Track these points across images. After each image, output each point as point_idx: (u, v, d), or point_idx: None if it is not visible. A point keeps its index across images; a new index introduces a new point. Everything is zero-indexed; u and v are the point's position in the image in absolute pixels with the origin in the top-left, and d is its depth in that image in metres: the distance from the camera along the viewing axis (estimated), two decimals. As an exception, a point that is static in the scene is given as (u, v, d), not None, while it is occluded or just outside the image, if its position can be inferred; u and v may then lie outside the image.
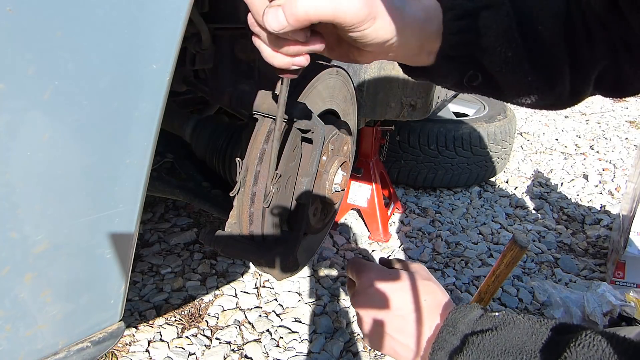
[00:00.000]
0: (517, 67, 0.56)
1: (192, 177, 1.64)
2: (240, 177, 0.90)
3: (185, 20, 0.52)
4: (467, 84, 0.61)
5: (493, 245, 2.15)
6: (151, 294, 1.71)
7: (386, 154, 2.37)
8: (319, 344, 1.51)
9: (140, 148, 0.56)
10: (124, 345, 1.48)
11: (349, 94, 1.20)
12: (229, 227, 0.97)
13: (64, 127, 0.49)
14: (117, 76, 0.50)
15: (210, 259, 1.93)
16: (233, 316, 1.62)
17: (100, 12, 0.46)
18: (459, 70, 0.60)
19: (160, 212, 2.26)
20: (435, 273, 1.91)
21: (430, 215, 2.38)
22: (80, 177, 0.53)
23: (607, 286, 1.61)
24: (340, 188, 1.09)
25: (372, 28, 0.51)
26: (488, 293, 1.22)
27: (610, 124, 4.12)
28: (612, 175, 3.01)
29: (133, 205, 0.60)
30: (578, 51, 0.55)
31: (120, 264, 0.62)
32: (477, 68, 0.58)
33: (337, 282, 1.83)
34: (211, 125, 1.33)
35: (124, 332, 0.69)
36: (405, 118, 1.61)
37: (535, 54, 0.56)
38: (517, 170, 3.04)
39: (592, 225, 2.38)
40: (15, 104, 0.45)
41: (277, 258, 0.95)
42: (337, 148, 1.12)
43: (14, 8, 0.41)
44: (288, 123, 0.91)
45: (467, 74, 0.59)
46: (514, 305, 1.75)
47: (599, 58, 0.55)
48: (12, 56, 0.43)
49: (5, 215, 0.48)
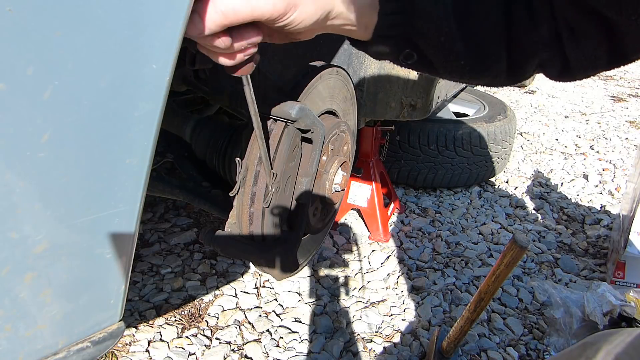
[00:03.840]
0: (450, 51, 0.57)
1: (192, 177, 1.64)
2: (240, 177, 0.90)
3: (185, 20, 0.52)
4: (403, 62, 0.62)
5: (493, 245, 2.15)
6: (151, 294, 1.71)
7: (386, 154, 2.37)
8: (319, 344, 1.51)
9: (140, 148, 0.56)
10: (124, 345, 1.48)
11: (349, 94, 1.20)
12: (229, 227, 0.97)
13: (63, 127, 0.49)
14: (117, 76, 0.50)
15: (210, 259, 1.93)
16: (233, 316, 1.62)
17: (100, 12, 0.46)
18: (395, 48, 0.60)
19: (160, 212, 2.26)
20: (435, 273, 1.91)
21: (430, 215, 2.38)
22: (80, 177, 0.53)
23: (607, 286, 1.61)
24: (340, 188, 1.09)
25: (295, 15, 0.52)
26: (488, 293, 1.23)
27: (610, 124, 4.12)
28: (612, 175, 3.01)
29: (133, 205, 0.60)
30: (518, 33, 0.55)
31: (120, 264, 0.62)
32: (412, 47, 0.59)
33: (337, 282, 1.83)
34: (211, 125, 1.33)
35: (124, 332, 0.69)
36: (405, 118, 1.61)
37: (470, 39, 0.56)
38: (517, 170, 3.04)
39: (592, 225, 2.38)
40: (15, 104, 0.45)
41: (277, 258, 0.95)
42: (337, 148, 1.12)
43: (14, 8, 0.41)
44: (287, 123, 0.91)
45: (402, 52, 0.60)
46: (514, 305, 1.75)
47: (542, 42, 0.55)
48: (12, 56, 0.43)
49: (5, 215, 0.48)
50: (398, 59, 0.62)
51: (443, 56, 0.58)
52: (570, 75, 0.58)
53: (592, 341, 0.61)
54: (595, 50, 0.52)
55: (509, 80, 0.61)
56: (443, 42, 0.56)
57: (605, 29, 0.50)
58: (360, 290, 1.80)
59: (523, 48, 0.56)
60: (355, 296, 1.76)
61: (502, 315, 1.69)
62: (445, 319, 1.66)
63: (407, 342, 1.55)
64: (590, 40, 0.52)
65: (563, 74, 0.58)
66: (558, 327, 1.57)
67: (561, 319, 1.58)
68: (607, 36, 0.51)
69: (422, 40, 0.57)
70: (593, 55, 0.53)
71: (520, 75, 0.60)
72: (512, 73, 0.60)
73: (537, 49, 0.56)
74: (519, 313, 1.71)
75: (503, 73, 0.60)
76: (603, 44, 0.52)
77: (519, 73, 0.60)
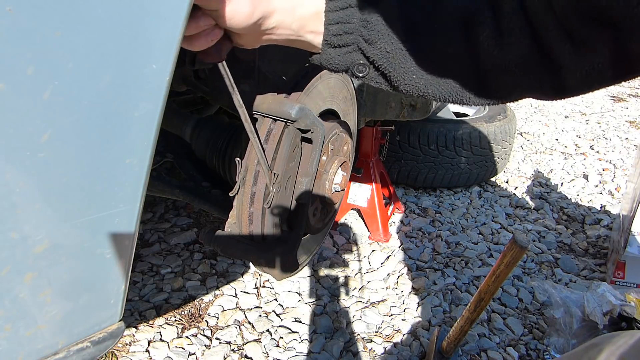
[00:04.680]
0: (400, 63, 0.56)
1: (192, 177, 1.65)
2: (240, 177, 0.90)
3: (185, 20, 0.52)
4: (355, 75, 0.60)
5: (493, 245, 2.15)
6: (151, 294, 1.71)
7: (386, 154, 2.37)
8: (319, 344, 1.51)
9: (140, 148, 0.56)
10: (124, 345, 1.48)
11: (349, 94, 1.20)
12: (229, 227, 0.97)
13: (63, 127, 0.49)
14: (117, 76, 0.50)
15: (210, 259, 1.93)
16: (233, 316, 1.62)
17: (100, 12, 0.46)
18: (345, 59, 0.59)
19: (160, 212, 2.26)
20: (435, 273, 1.91)
21: (430, 215, 2.38)
22: (80, 177, 0.53)
23: (607, 286, 1.61)
24: (340, 188, 1.09)
25: (227, 9, 0.53)
26: (488, 293, 1.23)
27: (610, 124, 4.12)
28: (612, 175, 3.01)
29: (133, 205, 0.60)
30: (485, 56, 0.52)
31: (120, 264, 0.62)
32: (366, 59, 0.58)
33: (337, 282, 1.83)
34: (211, 125, 1.34)
35: (123, 332, 0.69)
36: (405, 118, 1.61)
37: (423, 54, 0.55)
38: (517, 170, 3.04)
39: (592, 225, 2.38)
40: (15, 104, 0.45)
41: (277, 258, 0.95)
42: (337, 148, 1.12)
43: (14, 8, 0.41)
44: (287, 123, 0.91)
45: (354, 64, 0.59)
46: (514, 305, 1.75)
47: (519, 62, 0.51)
48: (12, 56, 0.43)
49: (5, 215, 0.48)
50: (350, 71, 0.60)
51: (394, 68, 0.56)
52: (571, 92, 0.53)
53: (595, 343, 0.61)
54: (598, 59, 0.48)
55: (485, 100, 0.58)
56: (389, 52, 0.55)
57: (609, 34, 0.45)
58: (360, 290, 1.80)
59: (491, 70, 0.53)
60: (355, 296, 1.76)
61: (502, 315, 1.69)
62: (445, 319, 1.66)
63: (407, 342, 1.55)
64: (592, 49, 0.47)
65: (560, 92, 0.53)
66: (558, 327, 1.57)
67: (561, 319, 1.58)
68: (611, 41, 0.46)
69: (371, 50, 0.57)
70: (596, 66, 0.48)
71: (499, 96, 0.57)
72: (486, 96, 0.56)
73: (509, 71, 0.52)
74: (519, 313, 1.71)
75: (473, 96, 0.56)
76: (606, 52, 0.47)
77: (495, 96, 0.56)
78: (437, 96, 0.59)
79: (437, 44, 0.54)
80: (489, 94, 0.57)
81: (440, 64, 0.56)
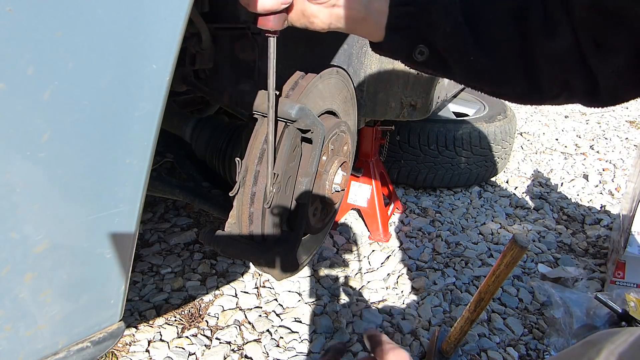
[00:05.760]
0: (461, 44, 0.57)
1: (192, 177, 1.65)
2: (240, 177, 0.90)
3: (185, 20, 0.52)
4: (414, 59, 0.62)
5: (493, 245, 2.15)
6: (151, 294, 1.71)
7: (386, 154, 2.37)
8: (319, 344, 1.51)
9: (140, 148, 0.56)
10: (124, 345, 1.48)
11: (349, 94, 1.20)
12: (229, 227, 0.97)
13: (63, 127, 0.49)
14: (117, 76, 0.50)
15: (210, 259, 1.93)
16: (233, 316, 1.62)
17: (100, 12, 0.46)
18: (407, 43, 0.61)
19: (160, 212, 2.26)
20: (435, 273, 1.91)
21: (430, 215, 2.38)
22: (80, 177, 0.53)
23: (607, 286, 1.61)
24: (340, 188, 1.09)
25: None
26: (488, 293, 1.23)
27: (610, 124, 4.12)
28: (612, 175, 3.01)
29: (133, 205, 0.60)
30: (532, 42, 0.55)
31: (120, 264, 0.62)
32: (425, 43, 0.60)
33: (337, 282, 1.83)
34: (211, 125, 1.34)
35: (124, 332, 0.69)
36: (405, 118, 1.61)
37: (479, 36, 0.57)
38: (517, 170, 3.04)
39: (592, 225, 2.38)
40: (15, 104, 0.45)
41: (277, 258, 0.95)
42: (337, 148, 1.12)
43: (14, 8, 0.41)
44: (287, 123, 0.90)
45: (415, 48, 0.61)
46: (514, 305, 1.75)
47: (558, 54, 0.54)
48: (12, 56, 0.43)
49: (5, 215, 0.48)
50: (411, 56, 0.62)
51: (453, 50, 0.58)
52: (601, 96, 0.55)
53: (593, 341, 0.61)
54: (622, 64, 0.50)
55: (531, 95, 0.60)
56: (449, 32, 0.57)
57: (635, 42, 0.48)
58: (360, 290, 1.80)
59: (539, 58, 0.55)
60: (355, 296, 1.76)
61: (502, 315, 1.69)
62: (445, 319, 1.66)
63: (407, 342, 1.55)
64: (617, 55, 0.50)
65: (592, 95, 0.56)
66: (558, 327, 1.57)
67: (561, 319, 1.58)
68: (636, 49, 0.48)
69: (433, 32, 0.58)
70: (616, 69, 0.51)
71: (542, 90, 0.58)
72: (533, 87, 0.58)
73: (554, 61, 0.55)
74: (519, 313, 1.71)
75: (521, 82, 0.58)
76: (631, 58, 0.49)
77: (541, 89, 0.58)
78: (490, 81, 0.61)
79: (491, 28, 0.57)
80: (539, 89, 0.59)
81: (495, 48, 0.58)
